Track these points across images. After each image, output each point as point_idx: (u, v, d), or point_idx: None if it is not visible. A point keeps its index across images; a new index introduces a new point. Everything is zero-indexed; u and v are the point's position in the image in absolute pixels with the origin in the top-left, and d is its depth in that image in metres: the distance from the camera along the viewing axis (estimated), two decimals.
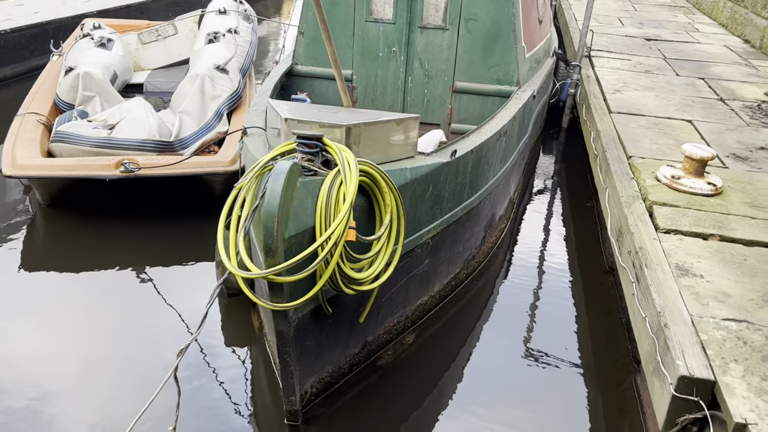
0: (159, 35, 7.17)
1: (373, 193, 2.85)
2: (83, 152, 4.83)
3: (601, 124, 5.51)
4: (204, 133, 5.40)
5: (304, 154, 2.69)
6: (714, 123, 5.61)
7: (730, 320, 2.95)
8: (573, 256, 5.07)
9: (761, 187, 4.36)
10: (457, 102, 5.39)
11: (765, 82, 6.99)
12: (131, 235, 4.81)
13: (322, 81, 5.54)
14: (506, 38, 5.12)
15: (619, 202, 4.15)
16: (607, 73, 7.12)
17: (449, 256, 4.00)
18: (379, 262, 2.87)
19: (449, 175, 3.58)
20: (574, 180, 6.54)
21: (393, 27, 5.21)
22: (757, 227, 3.81)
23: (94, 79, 5.64)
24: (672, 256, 3.48)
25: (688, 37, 9.26)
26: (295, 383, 2.95)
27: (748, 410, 2.43)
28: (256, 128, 3.66)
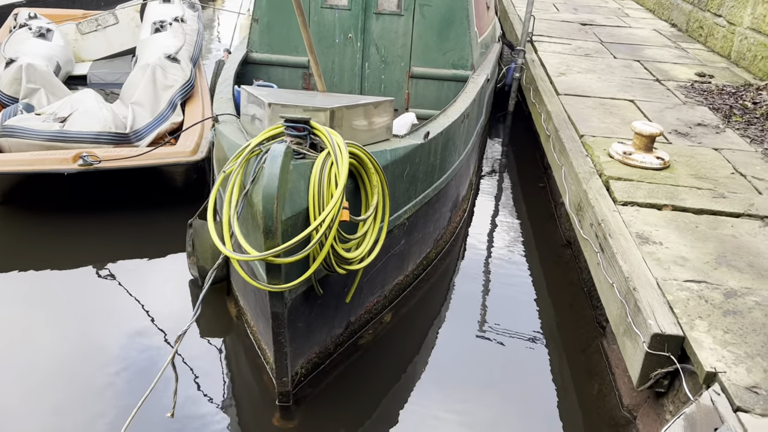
0: (99, 25, 6.93)
1: (359, 174, 2.92)
2: (34, 146, 4.65)
3: (551, 105, 5.75)
4: (158, 123, 5.29)
5: (293, 137, 2.73)
6: (654, 102, 5.94)
7: (690, 281, 3.20)
8: (530, 233, 5.28)
9: (703, 160, 4.68)
10: (413, 87, 5.49)
11: (695, 63, 7.43)
12: (90, 230, 4.68)
13: (278, 68, 5.53)
14: (460, 23, 5.24)
15: (576, 178, 4.37)
16: (550, 57, 7.40)
17: (422, 236, 4.12)
18: (366, 242, 2.95)
19: (422, 156, 3.68)
20: (523, 161, 6.77)
21: (349, 13, 5.25)
22: (704, 197, 4.10)
23: (38, 71, 5.42)
24: (632, 226, 3.71)
25: (619, 21, 9.69)
26: (288, 364, 3.00)
27: (716, 360, 2.66)
28: (228, 115, 3.65)
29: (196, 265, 3.91)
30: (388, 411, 3.34)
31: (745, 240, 3.64)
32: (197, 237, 3.87)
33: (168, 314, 3.92)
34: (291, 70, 5.52)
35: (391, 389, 3.49)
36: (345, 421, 3.25)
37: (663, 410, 2.96)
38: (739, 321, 2.92)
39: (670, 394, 2.92)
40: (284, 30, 5.34)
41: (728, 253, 3.49)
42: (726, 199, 4.09)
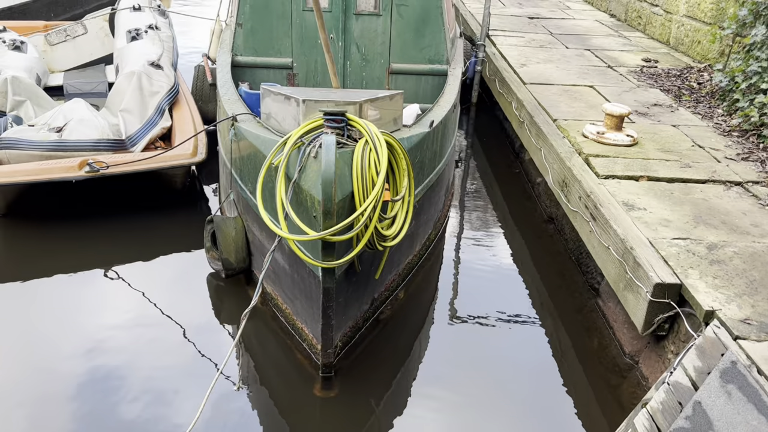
0: (68, 35, 6.91)
1: (390, 159, 3.21)
2: (34, 157, 4.71)
3: (521, 94, 6.17)
4: (149, 129, 5.41)
5: (332, 128, 3.00)
6: (611, 87, 6.46)
7: (677, 239, 3.64)
8: (511, 212, 5.68)
9: (665, 135, 5.19)
10: (393, 82, 5.79)
11: (639, 50, 8.04)
12: (94, 236, 4.78)
13: (263, 70, 5.73)
14: (435, 21, 5.58)
15: (558, 157, 4.79)
16: (509, 50, 7.85)
17: (426, 218, 4.44)
18: (398, 221, 3.25)
19: (428, 143, 4.00)
20: (492, 147, 7.19)
21: (330, 15, 5.50)
22: (673, 167, 4.59)
23: (23, 83, 5.43)
24: (616, 196, 4.14)
25: (563, 14, 10.28)
26: (334, 337, 3.27)
27: (711, 301, 3.10)
28: (245, 114, 3.86)
29: (219, 259, 4.10)
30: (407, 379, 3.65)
31: (714, 202, 4.13)
32: (219, 232, 4.06)
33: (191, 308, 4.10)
34: (275, 72, 5.73)
35: (409, 360, 3.80)
36: (376, 390, 3.54)
37: (664, 351, 3.38)
38: (723, 268, 3.37)
39: (670, 336, 3.35)
40: (267, 33, 5.55)
41: (703, 213, 3.97)
42: (692, 168, 4.59)
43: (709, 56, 7.17)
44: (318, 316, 3.22)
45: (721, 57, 6.78)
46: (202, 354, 3.67)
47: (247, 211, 4.02)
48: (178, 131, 5.44)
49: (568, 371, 3.71)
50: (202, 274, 4.42)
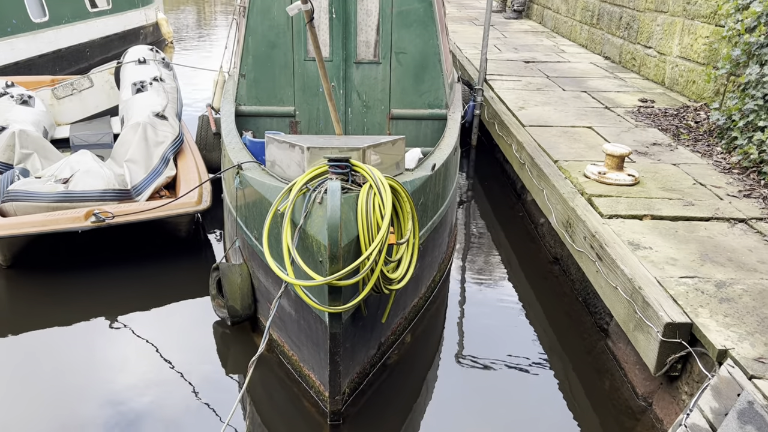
0: (74, 89, 7.05)
1: (394, 203, 3.23)
2: (41, 208, 4.74)
3: (520, 136, 6.24)
4: (154, 178, 5.47)
5: (337, 174, 3.03)
6: (609, 127, 6.54)
7: (685, 277, 3.63)
8: (515, 252, 5.68)
9: (666, 174, 5.22)
10: (394, 127, 5.87)
11: (635, 91, 8.17)
12: (104, 285, 4.78)
13: (266, 119, 5.82)
14: (433, 67, 5.70)
15: (561, 198, 4.81)
16: (506, 93, 7.97)
17: (430, 260, 4.44)
18: (404, 263, 3.25)
19: (431, 186, 4.03)
20: (493, 189, 7.23)
21: (331, 64, 5.61)
22: (676, 205, 4.61)
23: (30, 137, 5.52)
24: (621, 235, 4.15)
25: (558, 57, 10.48)
26: (341, 383, 3.23)
27: (723, 339, 3.07)
28: (250, 163, 3.91)
29: (225, 306, 4.08)
30: (416, 426, 3.59)
31: (720, 240, 4.13)
32: (225, 279, 4.05)
33: (197, 357, 4.06)
34: (278, 120, 5.81)
35: (417, 405, 3.74)
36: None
37: (678, 392, 3.33)
38: (733, 306, 3.35)
39: (684, 377, 3.30)
40: (270, 83, 5.65)
41: (709, 251, 3.96)
42: (694, 206, 4.60)
43: (704, 95, 7.28)
44: (325, 362, 3.19)
45: (717, 96, 6.88)
46: (209, 404, 3.62)
47: (252, 257, 4.02)
48: (183, 180, 5.49)
49: (580, 415, 3.65)
50: (207, 322, 4.39)
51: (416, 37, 5.59)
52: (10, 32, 9.48)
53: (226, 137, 4.71)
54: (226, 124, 5.05)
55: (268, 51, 5.54)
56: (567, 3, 12.37)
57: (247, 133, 5.55)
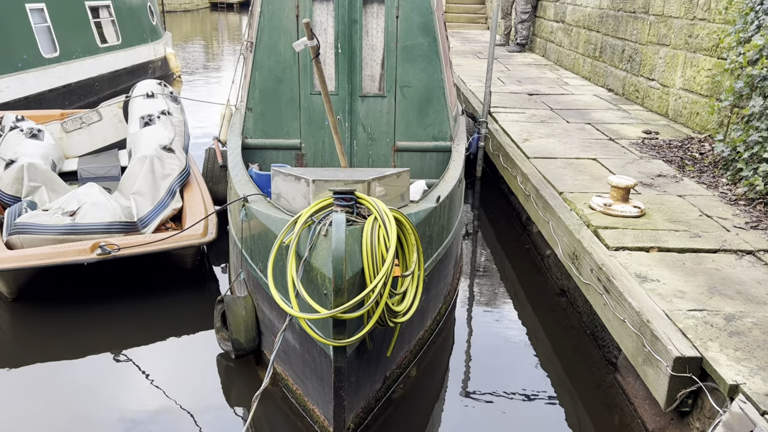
0: (83, 122, 7.14)
1: (399, 235, 3.22)
2: (47, 241, 4.76)
3: (525, 168, 6.26)
4: (160, 210, 5.49)
5: (342, 207, 3.03)
6: (614, 159, 6.55)
7: (693, 310, 3.59)
8: (522, 284, 5.64)
9: (672, 206, 5.21)
10: (399, 159, 5.90)
11: (639, 122, 8.20)
12: (109, 317, 4.77)
13: (272, 151, 5.86)
14: (438, 100, 5.75)
15: (567, 230, 4.80)
16: (511, 125, 8.02)
17: (436, 293, 4.41)
18: (409, 295, 3.23)
19: (436, 218, 4.03)
20: (498, 220, 7.23)
21: (336, 98, 5.67)
22: (682, 237, 4.58)
23: (39, 170, 5.57)
24: (628, 267, 4.12)
25: (562, 90, 10.57)
26: (346, 418, 3.18)
27: (734, 374, 3.02)
28: (256, 195, 3.92)
29: (229, 339, 4.05)
30: None
31: (728, 272, 4.10)
32: (229, 311, 4.03)
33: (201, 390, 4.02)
34: (284, 152, 5.86)
35: None
36: None
37: (689, 427, 3.26)
38: (743, 340, 3.31)
39: (695, 412, 3.24)
40: (276, 117, 5.71)
41: (717, 284, 3.93)
42: (701, 237, 4.58)
43: (708, 127, 7.30)
44: (329, 396, 3.16)
45: (721, 127, 6.90)
46: None
47: (257, 290, 4.01)
48: (189, 212, 5.51)
49: None
50: (212, 355, 4.36)
51: (420, 71, 5.66)
52: (21, 67, 9.65)
53: (233, 170, 4.74)
54: (233, 157, 5.09)
55: (274, 85, 5.61)
56: (570, 36, 12.52)
57: (253, 166, 5.59)
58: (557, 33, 13.28)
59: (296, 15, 5.39)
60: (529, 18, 14.77)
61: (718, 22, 7.14)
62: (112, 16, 12.66)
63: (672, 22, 8.29)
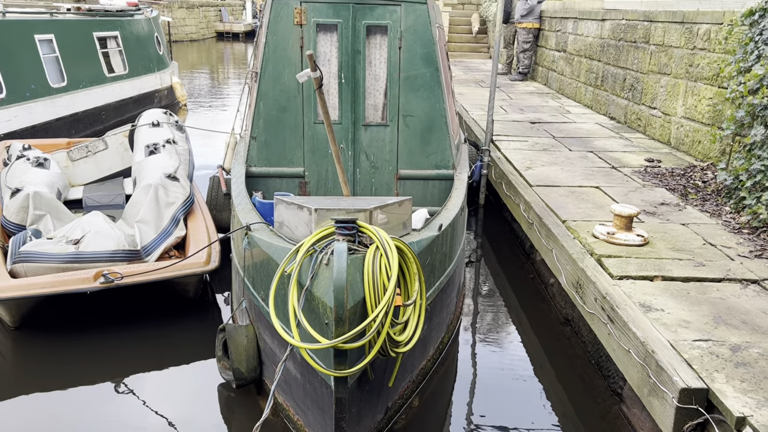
0: (89, 151, 7.20)
1: (401, 264, 3.22)
2: (50, 269, 4.77)
3: (528, 196, 6.27)
4: (164, 238, 5.50)
5: (344, 236, 3.04)
6: (617, 187, 6.56)
7: (699, 341, 3.56)
8: (525, 313, 5.61)
9: (675, 234, 5.20)
10: (402, 187, 5.93)
11: (641, 151, 8.23)
12: (111, 346, 4.75)
13: (275, 179, 5.89)
14: (440, 129, 5.79)
15: (571, 258, 4.79)
16: (513, 153, 8.06)
17: (438, 322, 4.39)
18: (411, 325, 3.21)
19: (438, 246, 4.03)
20: (501, 248, 7.22)
21: (340, 126, 5.72)
22: (686, 266, 4.56)
23: (44, 199, 5.60)
24: (632, 297, 4.10)
25: (564, 118, 10.63)
26: None
27: (742, 406, 2.98)
28: (259, 224, 3.93)
29: (230, 368, 4.03)
30: None
31: (733, 301, 4.07)
32: (231, 340, 4.01)
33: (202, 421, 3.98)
34: (288, 180, 5.89)
35: None
36: None
37: None
38: (750, 371, 3.27)
39: None
40: (280, 145, 5.75)
41: (722, 313, 3.90)
42: (705, 266, 4.56)
43: (710, 155, 7.32)
44: (331, 427, 3.12)
45: (723, 156, 6.92)
46: None
47: (259, 318, 3.99)
48: (192, 240, 5.52)
49: None
50: (213, 384, 4.33)
51: (423, 100, 5.71)
52: (28, 97, 9.77)
53: (236, 198, 4.76)
54: (236, 186, 5.12)
55: (278, 114, 5.66)
56: (571, 65, 12.64)
57: (257, 194, 5.61)
58: (559, 62, 13.41)
59: (300, 46, 5.47)
60: (531, 47, 14.94)
61: (718, 52, 7.21)
62: (119, 47, 12.85)
63: (672, 51, 8.37)
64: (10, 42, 9.56)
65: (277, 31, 5.48)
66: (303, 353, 2.94)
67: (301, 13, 5.45)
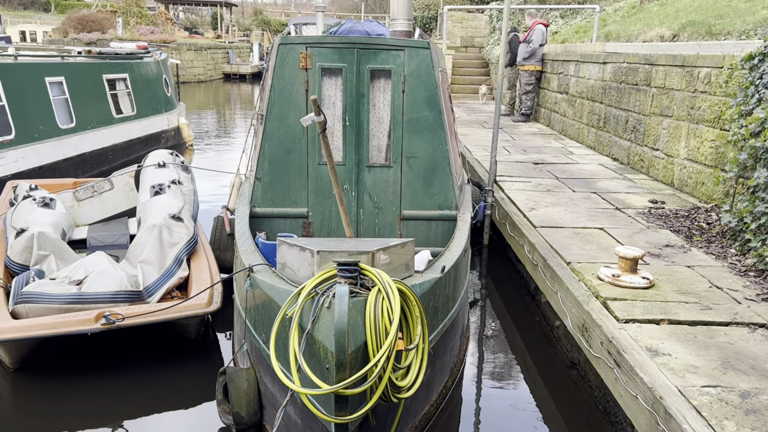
0: (95, 191, 7.25)
1: (403, 307, 3.19)
2: (52, 310, 4.75)
3: (532, 237, 6.25)
4: (166, 279, 5.49)
5: (346, 278, 3.02)
6: (621, 229, 6.54)
7: (707, 387, 3.49)
8: (531, 356, 5.53)
9: (681, 276, 5.16)
10: (405, 228, 5.93)
11: (645, 192, 8.23)
12: (111, 388, 4.69)
13: (279, 220, 5.91)
14: (443, 171, 5.82)
15: (576, 301, 4.74)
16: (516, 194, 8.07)
17: (441, 365, 4.33)
18: (413, 370, 3.17)
19: (441, 288, 4.00)
20: (506, 289, 7.17)
21: (344, 168, 5.76)
22: (693, 309, 4.51)
23: (48, 239, 5.62)
24: (639, 341, 4.04)
25: (567, 159, 10.68)
26: None
27: None
28: (261, 265, 3.92)
29: (231, 412, 3.96)
30: None
31: (741, 346, 4.01)
32: (231, 384, 3.96)
33: None
34: (292, 221, 5.90)
35: None
36: None
37: None
38: (761, 418, 3.20)
39: None
40: (285, 186, 5.79)
41: (730, 358, 3.84)
42: (712, 310, 4.50)
43: (714, 197, 7.32)
44: None
45: (727, 197, 6.91)
46: None
47: (260, 361, 3.95)
48: (195, 280, 5.51)
49: None
50: (213, 428, 4.26)
51: (426, 142, 5.75)
52: (37, 138, 9.89)
53: (239, 239, 4.76)
54: (240, 226, 5.13)
55: (283, 156, 5.71)
56: (574, 107, 12.77)
57: (260, 234, 5.62)
58: (561, 104, 13.56)
59: (306, 89, 5.55)
60: (533, 89, 15.13)
61: (719, 95, 7.27)
62: (128, 88, 13.06)
63: (674, 94, 8.45)
64: (21, 84, 9.73)
65: (283, 74, 5.57)
66: (303, 398, 2.90)
67: (306, 58, 5.55)
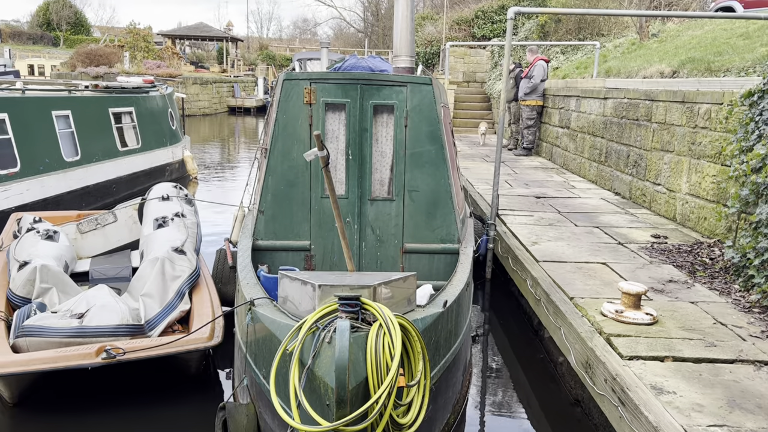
0: (98, 224, 7.28)
1: (405, 342, 3.18)
2: (53, 344, 4.72)
3: (534, 272, 6.24)
4: (168, 313, 5.47)
5: (347, 313, 3.02)
6: (624, 263, 6.52)
7: (714, 426, 3.45)
8: (534, 392, 5.46)
9: (685, 313, 5.13)
10: (407, 261, 5.93)
11: (647, 226, 8.23)
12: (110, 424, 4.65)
13: (281, 253, 5.91)
14: (445, 204, 5.85)
15: (579, 337, 4.71)
16: (519, 228, 8.08)
17: (444, 402, 4.28)
18: (415, 406, 3.14)
19: (443, 323, 3.98)
20: (509, 324, 7.12)
21: (346, 201, 5.79)
22: (697, 346, 4.48)
23: (51, 272, 5.62)
24: (643, 378, 4.00)
25: (569, 193, 10.71)
26: None
27: None
28: (263, 299, 3.92)
29: None
30: None
31: (746, 384, 3.97)
32: (230, 420, 3.92)
33: None
34: (294, 254, 5.91)
35: None
36: None
37: None
38: None
39: None
40: (287, 219, 5.81)
41: (736, 397, 3.79)
42: (717, 347, 4.47)
43: (717, 232, 7.31)
44: None
45: (730, 233, 6.91)
46: None
47: (260, 397, 3.91)
48: (197, 314, 5.49)
49: None
50: None
51: (428, 176, 5.79)
52: (42, 170, 9.98)
53: (241, 272, 4.76)
54: (242, 259, 5.13)
55: (286, 189, 5.75)
56: (575, 141, 12.86)
57: (262, 267, 5.62)
58: (563, 138, 13.66)
59: (309, 124, 5.61)
60: (535, 124, 15.27)
61: (719, 131, 7.33)
62: (133, 122, 13.21)
63: (675, 129, 8.52)
64: (28, 118, 9.85)
65: (288, 109, 5.64)
66: None
67: (310, 93, 5.63)
